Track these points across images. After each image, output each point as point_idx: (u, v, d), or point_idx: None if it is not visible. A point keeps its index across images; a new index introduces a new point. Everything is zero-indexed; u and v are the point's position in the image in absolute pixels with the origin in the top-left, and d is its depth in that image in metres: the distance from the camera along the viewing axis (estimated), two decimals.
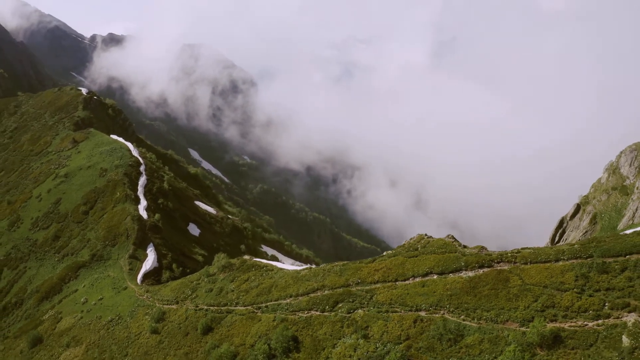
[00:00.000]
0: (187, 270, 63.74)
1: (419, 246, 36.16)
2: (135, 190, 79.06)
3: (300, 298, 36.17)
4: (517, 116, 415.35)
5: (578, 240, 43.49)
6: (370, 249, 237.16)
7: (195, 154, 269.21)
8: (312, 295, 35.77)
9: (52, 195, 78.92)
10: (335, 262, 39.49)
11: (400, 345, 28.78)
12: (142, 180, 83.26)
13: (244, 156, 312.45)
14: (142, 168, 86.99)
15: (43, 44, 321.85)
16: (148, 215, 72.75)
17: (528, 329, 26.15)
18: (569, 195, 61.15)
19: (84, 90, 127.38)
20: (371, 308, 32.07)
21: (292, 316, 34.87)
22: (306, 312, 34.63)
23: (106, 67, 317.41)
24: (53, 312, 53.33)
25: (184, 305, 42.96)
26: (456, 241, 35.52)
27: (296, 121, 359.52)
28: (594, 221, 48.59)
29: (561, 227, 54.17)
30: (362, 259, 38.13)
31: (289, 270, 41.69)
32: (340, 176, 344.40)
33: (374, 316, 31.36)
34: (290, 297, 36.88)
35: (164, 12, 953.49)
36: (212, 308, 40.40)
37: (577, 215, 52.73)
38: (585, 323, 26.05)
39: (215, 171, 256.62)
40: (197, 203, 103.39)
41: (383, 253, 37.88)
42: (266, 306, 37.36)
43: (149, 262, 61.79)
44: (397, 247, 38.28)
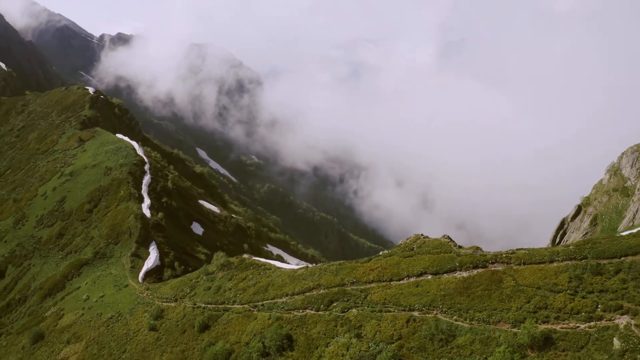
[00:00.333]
0: (189, 268, 64.04)
1: (415, 246, 36.17)
2: (139, 189, 79.65)
3: (296, 297, 36.32)
4: (524, 116, 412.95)
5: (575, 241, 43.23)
6: (377, 250, 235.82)
7: (203, 154, 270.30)
8: (308, 294, 35.91)
9: (57, 193, 79.73)
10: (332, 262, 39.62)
11: (392, 345, 28.83)
12: (147, 179, 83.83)
13: (252, 156, 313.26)
14: (147, 167, 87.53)
15: (52, 43, 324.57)
16: (151, 213, 73.24)
17: (519, 330, 26.10)
18: (576, 195, 60.77)
19: (91, 89, 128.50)
20: (365, 307, 32.15)
21: (287, 315, 35.03)
22: (301, 311, 34.77)
23: (114, 67, 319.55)
24: (55, 309, 53.93)
25: (183, 303, 43.29)
26: (452, 241, 35.47)
27: (302, 121, 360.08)
28: (595, 223, 48.26)
29: (562, 229, 53.86)
30: (359, 259, 38.21)
31: (286, 269, 41.85)
32: (346, 176, 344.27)
33: (368, 315, 31.44)
34: (286, 296, 37.04)
35: (173, 12, 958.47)
36: (210, 306, 40.67)
37: (578, 216, 52.39)
38: (577, 325, 25.92)
39: (223, 171, 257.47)
40: (201, 202, 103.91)
41: (379, 253, 37.95)
42: (262, 305, 37.55)
43: (151, 260, 62.23)
44: (394, 247, 38.32)
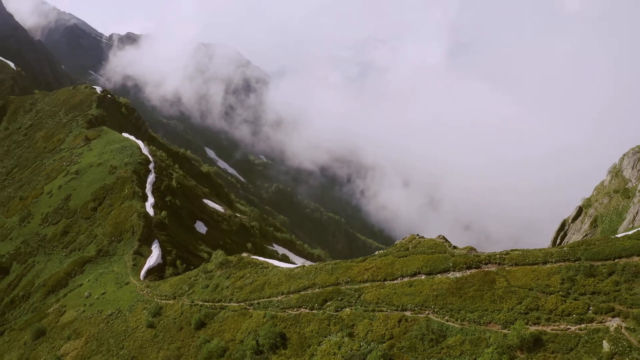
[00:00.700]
0: (191, 267, 64.41)
1: (410, 246, 36.21)
2: (143, 187, 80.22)
3: (291, 296, 36.51)
4: (531, 117, 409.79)
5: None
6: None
7: (211, 153, 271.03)
8: (303, 293, 36.09)
9: (63, 191, 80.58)
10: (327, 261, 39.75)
11: (383, 344, 28.91)
12: (151, 177, 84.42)
13: (260, 155, 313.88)
14: (151, 166, 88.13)
15: (61, 42, 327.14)
16: (155, 212, 73.78)
17: (509, 331, 26.06)
18: (582, 197, 60.30)
19: (98, 88, 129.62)
20: (358, 307, 32.26)
21: (282, 313, 35.24)
22: (296, 310, 34.96)
23: (121, 66, 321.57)
24: (58, 306, 54.60)
25: (181, 300, 43.67)
26: (447, 242, 35.47)
27: (309, 120, 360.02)
28: (595, 224, 47.94)
29: (563, 230, 53.54)
30: (354, 258, 38.32)
31: (283, 268, 42.05)
32: (353, 176, 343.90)
33: (360, 315, 31.54)
34: (281, 295, 37.25)
35: (183, 12, 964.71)
36: (207, 304, 41.00)
37: (579, 218, 52.06)
38: (567, 327, 25.82)
39: (231, 170, 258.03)
40: (206, 201, 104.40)
41: (375, 252, 38.03)
42: (258, 303, 37.79)
43: (153, 258, 62.74)
44: (389, 247, 38.37)
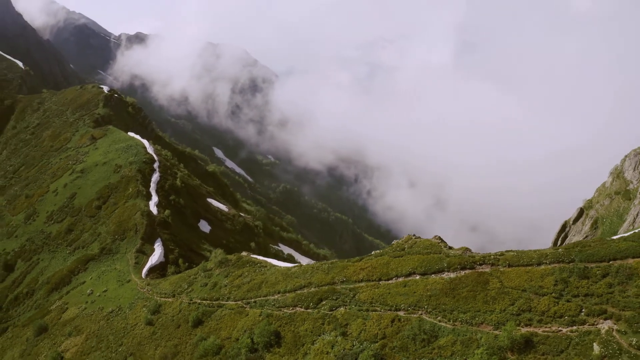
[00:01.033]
0: (194, 265, 64.88)
1: (406, 246, 36.27)
2: (147, 186, 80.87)
3: (287, 294, 36.73)
4: (537, 118, 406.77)
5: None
6: None
7: (219, 153, 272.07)
8: (299, 292, 36.29)
9: (68, 189, 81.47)
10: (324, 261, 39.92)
11: (375, 344, 29.01)
12: (155, 176, 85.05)
13: (268, 155, 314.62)
14: (156, 165, 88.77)
15: (69, 41, 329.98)
16: (158, 211, 74.35)
17: (500, 332, 26.05)
18: (584, 198, 59.90)
19: (105, 88, 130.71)
20: (352, 306, 32.39)
21: (278, 312, 35.47)
22: (291, 309, 35.18)
23: (129, 65, 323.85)
24: (60, 303, 55.27)
25: (180, 298, 44.05)
26: (442, 242, 35.49)
27: (316, 120, 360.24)
28: (595, 226, 47.67)
29: (564, 232, 53.27)
30: (350, 258, 38.46)
31: (281, 267, 42.30)
32: (360, 176, 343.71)
33: (354, 314, 31.67)
34: (278, 294, 37.47)
35: (193, 12, 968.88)
36: (205, 302, 41.35)
37: (580, 219, 51.78)
38: (559, 328, 25.75)
39: (239, 170, 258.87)
40: (210, 200, 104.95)
41: (371, 252, 38.14)
42: (255, 301, 38.05)
43: (155, 257, 63.24)
44: (386, 247, 38.46)
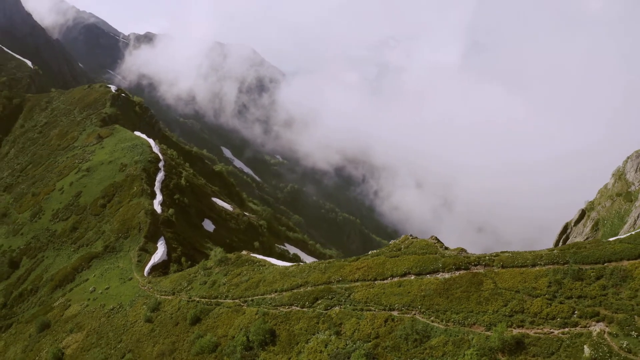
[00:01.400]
0: (196, 264, 65.51)
1: (403, 246, 36.34)
2: (152, 185, 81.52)
3: (283, 293, 36.95)
4: (545, 118, 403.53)
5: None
6: None
7: (227, 152, 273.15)
8: (295, 291, 36.50)
9: (74, 188, 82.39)
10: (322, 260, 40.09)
11: (368, 343, 29.11)
12: (160, 175, 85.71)
13: (277, 155, 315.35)
14: (161, 164, 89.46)
15: (79, 40, 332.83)
16: (162, 209, 74.94)
17: (492, 333, 26.06)
18: (585, 200, 59.52)
19: (113, 87, 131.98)
20: (347, 306, 32.52)
21: (274, 310, 35.70)
22: (287, 307, 35.40)
23: (136, 65, 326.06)
24: (63, 300, 55.98)
25: (179, 296, 44.46)
26: (439, 242, 35.51)
27: (322, 120, 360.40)
28: (596, 228, 47.38)
29: (565, 233, 52.98)
30: (347, 257, 38.61)
31: (279, 266, 42.55)
32: (367, 176, 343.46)
33: (349, 314, 31.80)
34: (275, 292, 37.70)
35: (202, 12, 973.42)
36: (203, 300, 41.70)
37: (582, 221, 51.47)
38: (551, 330, 25.67)
39: (247, 170, 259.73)
40: (215, 200, 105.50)
41: (368, 252, 38.26)
42: (252, 300, 38.33)
43: (158, 255, 63.80)
44: (383, 247, 38.57)
